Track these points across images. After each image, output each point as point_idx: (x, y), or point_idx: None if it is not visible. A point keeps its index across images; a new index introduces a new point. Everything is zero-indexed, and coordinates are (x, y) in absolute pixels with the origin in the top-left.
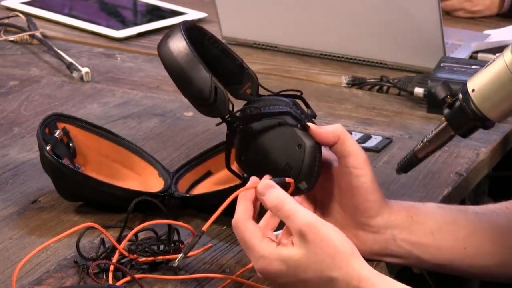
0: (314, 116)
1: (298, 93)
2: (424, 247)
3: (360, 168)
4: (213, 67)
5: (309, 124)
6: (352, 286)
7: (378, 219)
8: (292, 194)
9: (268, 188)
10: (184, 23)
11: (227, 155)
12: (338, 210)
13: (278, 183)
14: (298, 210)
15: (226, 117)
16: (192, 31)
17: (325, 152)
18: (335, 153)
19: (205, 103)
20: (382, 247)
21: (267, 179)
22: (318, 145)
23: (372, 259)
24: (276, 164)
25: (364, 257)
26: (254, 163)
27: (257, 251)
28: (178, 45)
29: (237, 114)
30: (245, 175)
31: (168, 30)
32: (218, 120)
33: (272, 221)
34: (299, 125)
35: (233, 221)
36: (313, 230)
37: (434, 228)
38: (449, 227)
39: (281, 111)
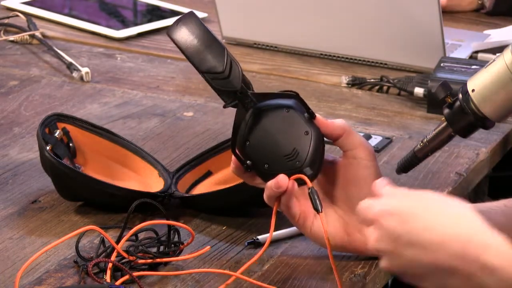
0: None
1: (294, 94)
2: None
3: (368, 159)
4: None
5: (316, 114)
6: (476, 226)
7: None
8: (298, 182)
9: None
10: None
11: (234, 136)
12: (342, 206)
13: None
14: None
15: (238, 92)
16: None
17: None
18: (341, 146)
19: (219, 77)
20: None
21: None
22: (322, 136)
23: (375, 257)
24: (282, 149)
25: (368, 255)
26: (260, 148)
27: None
28: (193, 24)
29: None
30: (248, 162)
31: (178, 18)
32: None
33: None
34: (306, 113)
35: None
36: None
37: None
38: None
39: (291, 93)
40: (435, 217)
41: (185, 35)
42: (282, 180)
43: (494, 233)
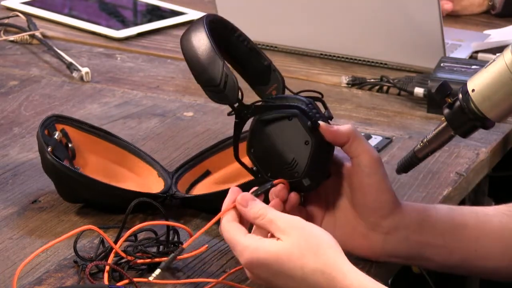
0: (330, 118)
1: (319, 95)
2: (434, 248)
3: (371, 167)
4: (241, 65)
5: (320, 122)
6: (336, 281)
7: (389, 220)
8: (296, 190)
9: (249, 200)
10: (208, 15)
11: (235, 145)
12: (350, 211)
13: (266, 188)
14: (282, 214)
15: (235, 105)
16: (218, 25)
17: (338, 153)
18: (347, 152)
19: (215, 90)
20: (392, 248)
21: (246, 193)
22: (328, 144)
23: (379, 261)
24: (282, 159)
25: (372, 259)
26: (263, 156)
27: (240, 244)
28: (197, 34)
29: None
30: (254, 168)
31: (189, 25)
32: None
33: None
34: (309, 122)
35: (219, 228)
36: (298, 227)
37: (445, 229)
38: (460, 229)
39: (290, 105)
40: (300, 277)
41: (189, 44)
42: (281, 191)
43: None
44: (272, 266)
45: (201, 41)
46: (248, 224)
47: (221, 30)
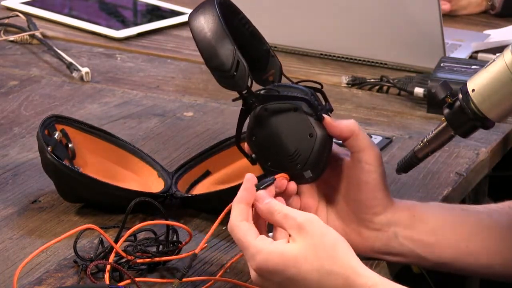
0: (331, 111)
1: (318, 86)
2: (426, 245)
3: (372, 164)
4: (241, 49)
5: (324, 115)
6: (350, 281)
7: (382, 217)
8: (295, 181)
9: (265, 197)
10: None
11: (238, 132)
12: (343, 206)
13: (267, 182)
14: (295, 210)
15: (244, 92)
16: (225, 7)
17: (336, 146)
18: (348, 147)
19: (225, 75)
20: (384, 245)
21: (261, 191)
22: (329, 137)
23: (373, 257)
24: (285, 149)
25: (365, 255)
26: (264, 145)
27: (253, 246)
28: (208, 16)
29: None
30: (253, 155)
31: (201, 2)
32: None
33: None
34: (314, 115)
35: (228, 225)
36: (313, 224)
37: (436, 226)
38: (451, 225)
39: (298, 96)
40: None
41: (201, 26)
42: (281, 182)
43: None
44: (286, 271)
45: (213, 24)
46: (258, 225)
47: (226, 12)
